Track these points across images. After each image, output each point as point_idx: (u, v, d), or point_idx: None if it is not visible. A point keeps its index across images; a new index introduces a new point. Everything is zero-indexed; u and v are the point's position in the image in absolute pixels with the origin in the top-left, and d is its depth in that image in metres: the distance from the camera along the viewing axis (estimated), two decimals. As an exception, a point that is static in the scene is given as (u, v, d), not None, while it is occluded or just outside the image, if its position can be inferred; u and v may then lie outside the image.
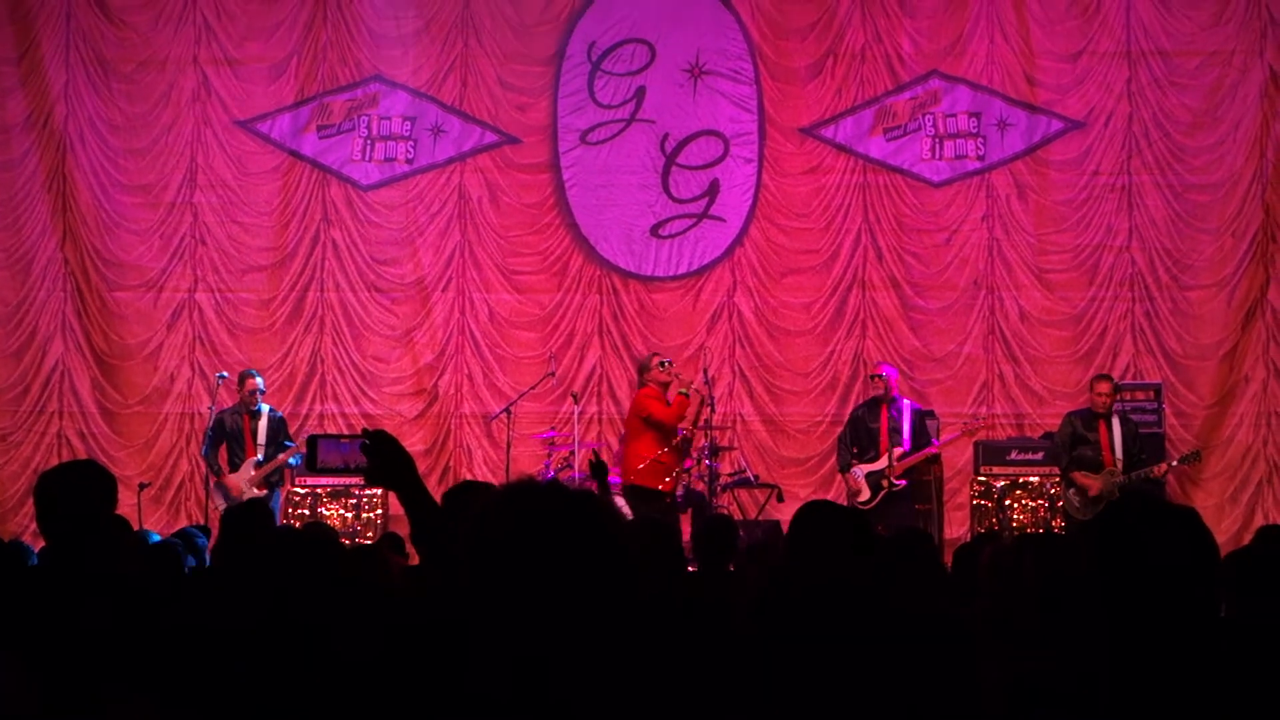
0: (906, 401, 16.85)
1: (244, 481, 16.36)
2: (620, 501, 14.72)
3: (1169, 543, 3.15)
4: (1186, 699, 3.06)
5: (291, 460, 16.63)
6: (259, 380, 16.88)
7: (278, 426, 16.76)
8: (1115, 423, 16.14)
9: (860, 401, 17.77)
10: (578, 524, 2.77)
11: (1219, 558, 3.25)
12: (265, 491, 16.32)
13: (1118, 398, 16.58)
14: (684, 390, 16.31)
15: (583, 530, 2.77)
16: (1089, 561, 3.19)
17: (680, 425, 16.38)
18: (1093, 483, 15.91)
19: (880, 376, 16.72)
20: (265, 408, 16.85)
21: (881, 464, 16.29)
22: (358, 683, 4.57)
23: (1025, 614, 6.66)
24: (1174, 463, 16.94)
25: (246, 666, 4.67)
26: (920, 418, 16.78)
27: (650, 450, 16.08)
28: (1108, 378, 16.69)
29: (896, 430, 16.34)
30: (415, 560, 8.36)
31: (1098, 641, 3.15)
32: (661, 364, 16.53)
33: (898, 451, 16.24)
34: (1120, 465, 15.94)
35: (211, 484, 16.75)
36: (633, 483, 16.02)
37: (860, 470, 16.36)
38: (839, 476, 17.05)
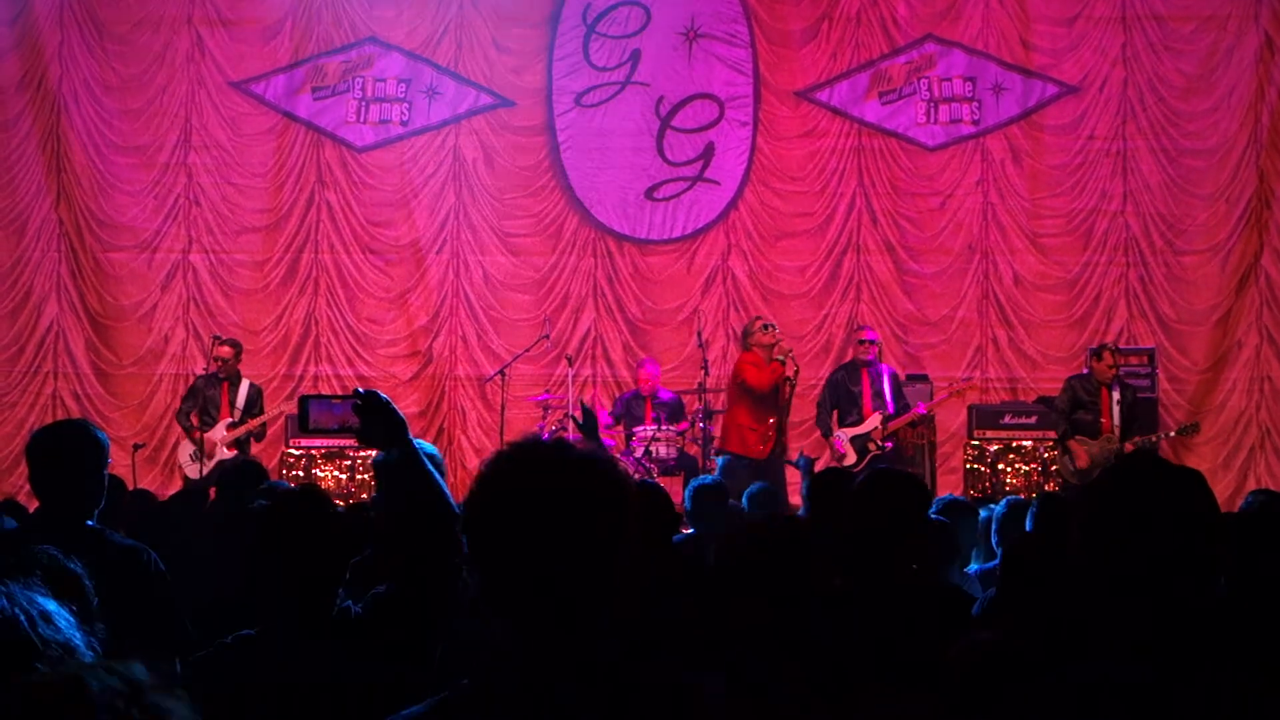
0: (885, 366, 16.87)
1: (216, 441, 16.35)
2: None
3: (1175, 502, 3.16)
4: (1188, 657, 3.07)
5: (256, 431, 16.55)
6: (229, 350, 16.69)
7: (255, 397, 16.70)
8: (1115, 392, 16.18)
9: (840, 364, 17.74)
10: (588, 483, 2.77)
11: (1221, 520, 3.26)
12: (235, 453, 16.24)
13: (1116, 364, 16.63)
14: (780, 358, 15.84)
15: (593, 488, 2.77)
16: (1079, 522, 3.21)
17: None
18: (1085, 450, 15.95)
19: (873, 342, 16.71)
20: (245, 380, 16.76)
21: (866, 427, 16.28)
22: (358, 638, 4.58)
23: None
24: (1171, 434, 17.03)
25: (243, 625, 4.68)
26: (898, 382, 16.78)
27: (744, 418, 15.88)
28: (1113, 349, 16.68)
29: (880, 394, 16.33)
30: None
31: (1048, 607, 3.17)
32: (765, 327, 16.06)
33: (881, 415, 16.25)
34: (1118, 432, 15.99)
35: (182, 441, 16.76)
36: (725, 449, 15.92)
37: (844, 434, 16.35)
38: (827, 442, 17.05)
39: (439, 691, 2.82)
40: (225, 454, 16.15)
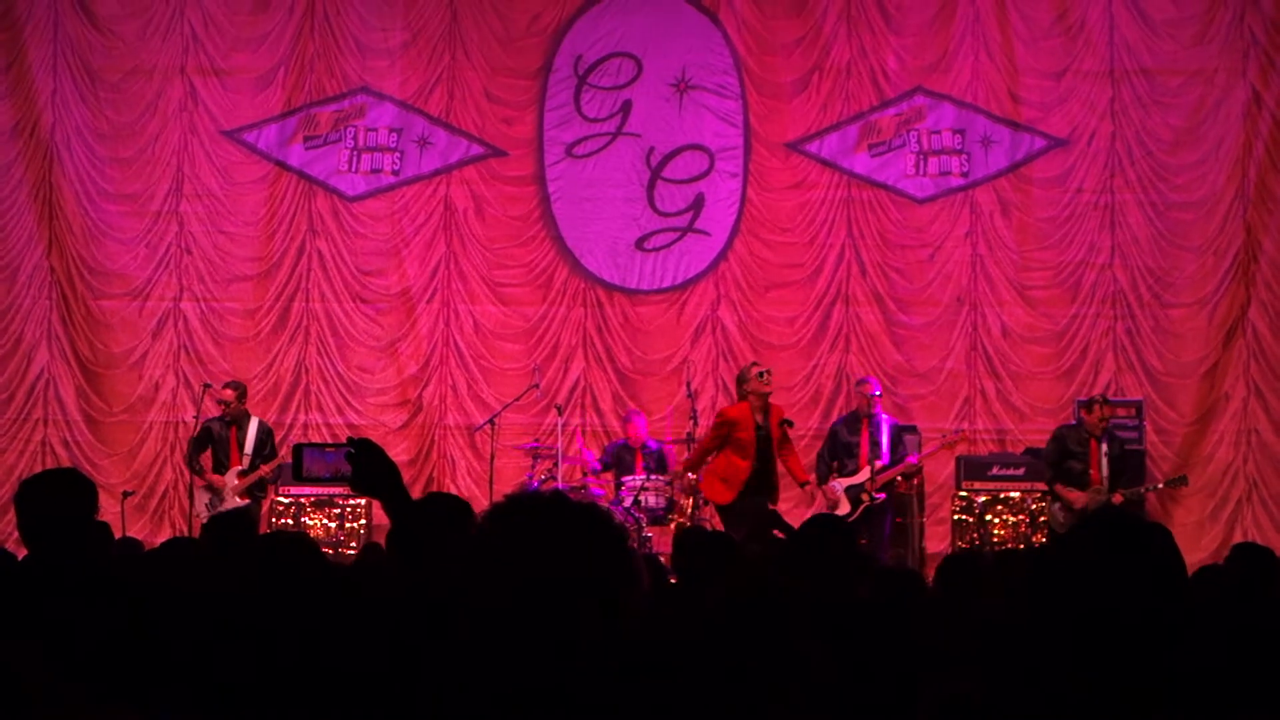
0: (886, 416, 16.88)
1: (228, 490, 16.36)
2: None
3: (1132, 563, 3.17)
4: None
5: (271, 476, 16.58)
6: (231, 392, 16.78)
7: (264, 437, 16.76)
8: (1104, 444, 16.24)
9: (841, 415, 17.82)
10: (585, 535, 2.79)
11: (1183, 575, 3.26)
12: (248, 501, 16.31)
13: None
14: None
15: (590, 541, 2.79)
16: (1031, 582, 3.22)
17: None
18: (1078, 497, 15.99)
19: (878, 395, 16.68)
20: (254, 419, 16.84)
21: (860, 477, 16.31)
22: (347, 687, 4.59)
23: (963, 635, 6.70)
24: (1160, 485, 17.07)
25: (233, 673, 4.69)
26: (899, 432, 16.81)
27: (718, 464, 15.77)
28: (1102, 401, 16.73)
29: (877, 444, 16.36)
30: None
31: (1031, 662, 3.18)
32: (760, 375, 15.73)
33: (877, 464, 16.27)
34: (1106, 484, 16.04)
35: (197, 487, 16.73)
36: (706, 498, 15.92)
37: (839, 484, 16.38)
38: (820, 491, 17.08)
39: None
40: (238, 503, 16.14)
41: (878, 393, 16.72)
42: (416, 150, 19.61)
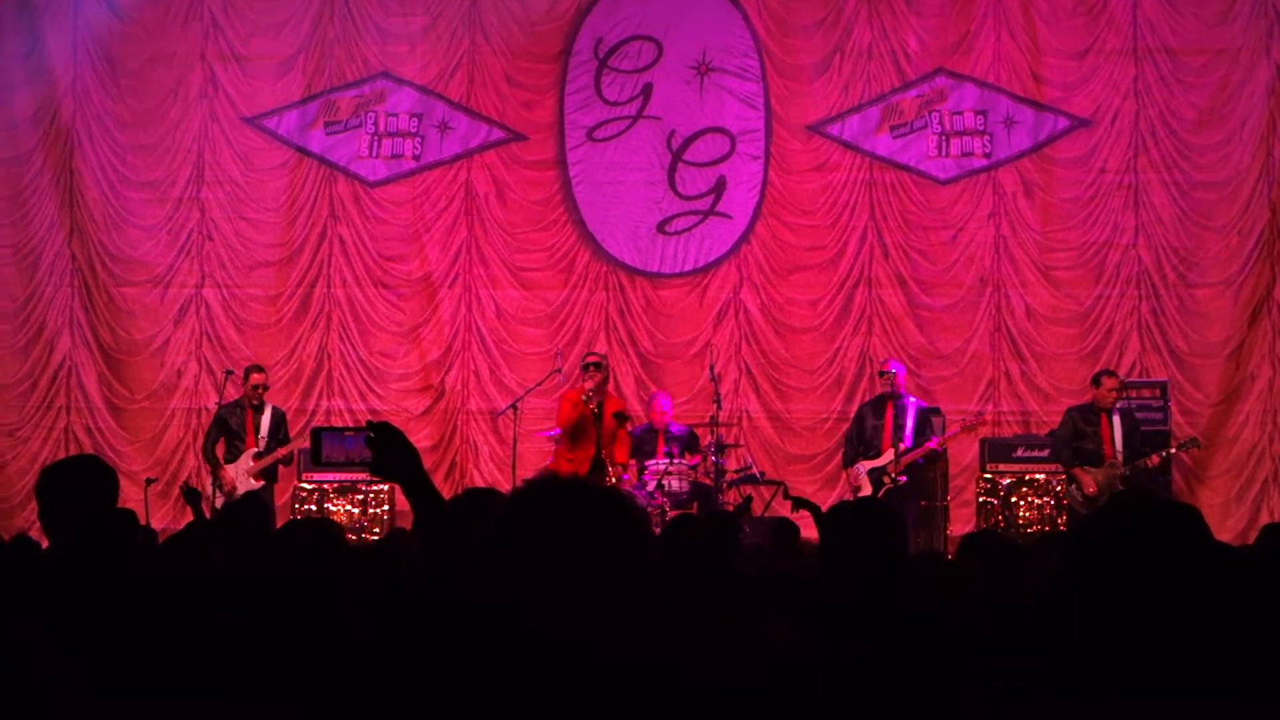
0: (912, 399, 16.85)
1: (241, 472, 16.36)
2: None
3: (1162, 545, 3.13)
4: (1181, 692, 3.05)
5: (285, 459, 16.58)
6: (262, 376, 16.88)
7: (279, 422, 16.77)
8: (1116, 419, 16.17)
9: (866, 398, 17.80)
10: (606, 520, 2.76)
11: (1218, 555, 3.22)
12: (263, 483, 16.30)
13: (1124, 395, 16.59)
14: (584, 397, 16.47)
15: (611, 526, 2.76)
16: (1069, 563, 3.18)
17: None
18: (1091, 478, 15.95)
19: (890, 373, 16.72)
20: (269, 405, 16.86)
21: (882, 460, 16.29)
22: (366, 675, 4.57)
23: (1007, 614, 6.66)
24: (1172, 450, 16.86)
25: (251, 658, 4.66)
26: (925, 415, 16.78)
27: (562, 448, 16.67)
28: (1114, 374, 16.71)
29: (900, 427, 16.33)
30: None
31: (1083, 642, 3.14)
32: (586, 368, 16.79)
33: (900, 447, 16.24)
34: (1121, 458, 15.98)
35: (210, 476, 16.80)
36: None
37: (862, 467, 16.37)
38: (844, 473, 17.07)
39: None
40: (253, 484, 16.14)
41: (895, 370, 16.70)
42: (437, 135, 19.60)
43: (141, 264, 19.51)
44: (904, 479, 16.24)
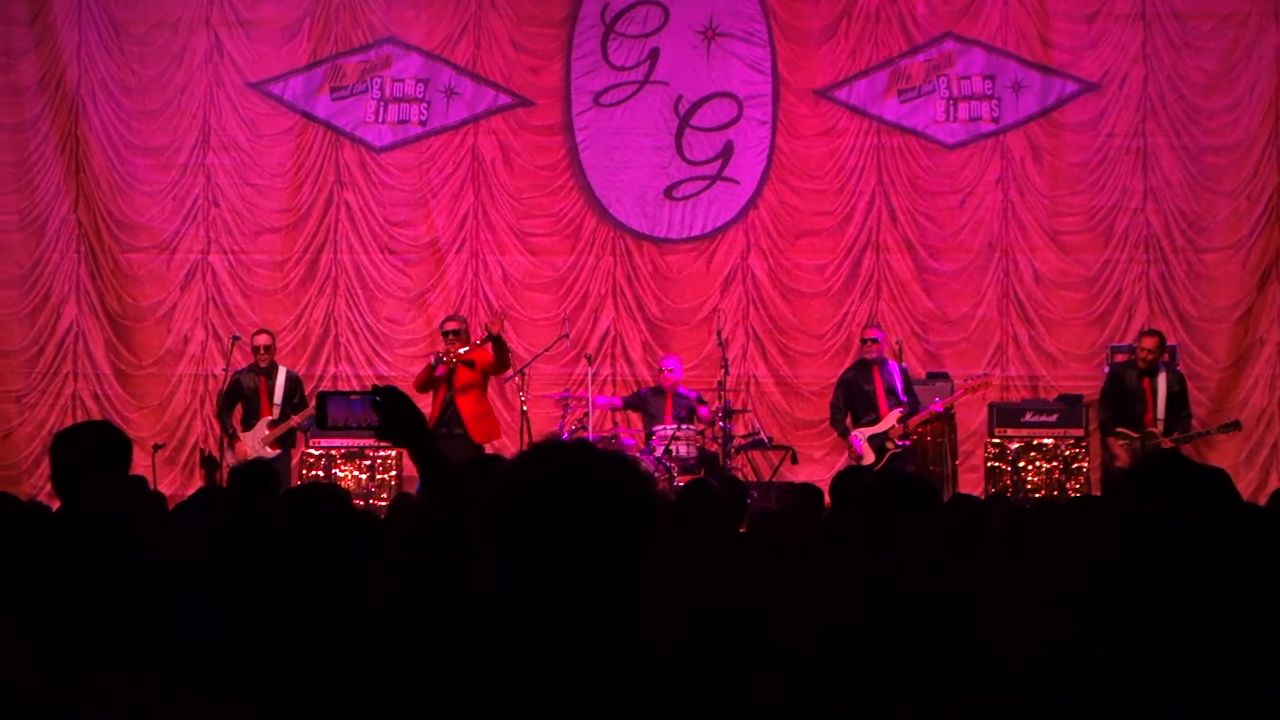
0: (893, 362, 16.80)
1: (257, 441, 16.36)
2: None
3: (1192, 506, 3.10)
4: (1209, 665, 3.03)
5: (303, 425, 16.57)
6: (267, 337, 16.86)
7: (293, 386, 16.75)
8: (1161, 380, 16.12)
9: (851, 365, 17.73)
10: (610, 483, 2.73)
11: (1246, 518, 3.19)
12: (278, 451, 16.31)
13: (1161, 358, 16.46)
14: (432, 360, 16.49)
15: (616, 490, 2.73)
16: (1112, 526, 3.15)
17: None
18: (1123, 447, 15.92)
19: (874, 340, 16.64)
20: (282, 369, 16.85)
21: (883, 426, 16.24)
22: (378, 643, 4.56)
23: (1044, 580, 6.63)
24: (1212, 431, 16.92)
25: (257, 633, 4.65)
26: (908, 378, 16.74)
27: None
28: (1155, 333, 16.69)
29: (893, 391, 16.30)
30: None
31: (1121, 607, 3.11)
32: (445, 334, 16.53)
33: (899, 412, 16.20)
34: (1161, 426, 15.92)
35: (227, 445, 16.78)
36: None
37: (862, 433, 16.31)
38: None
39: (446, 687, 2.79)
40: (268, 453, 16.12)
41: (874, 337, 16.65)
42: (443, 100, 19.56)
43: (147, 230, 19.49)
44: (906, 443, 16.21)
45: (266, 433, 16.42)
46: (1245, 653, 2.99)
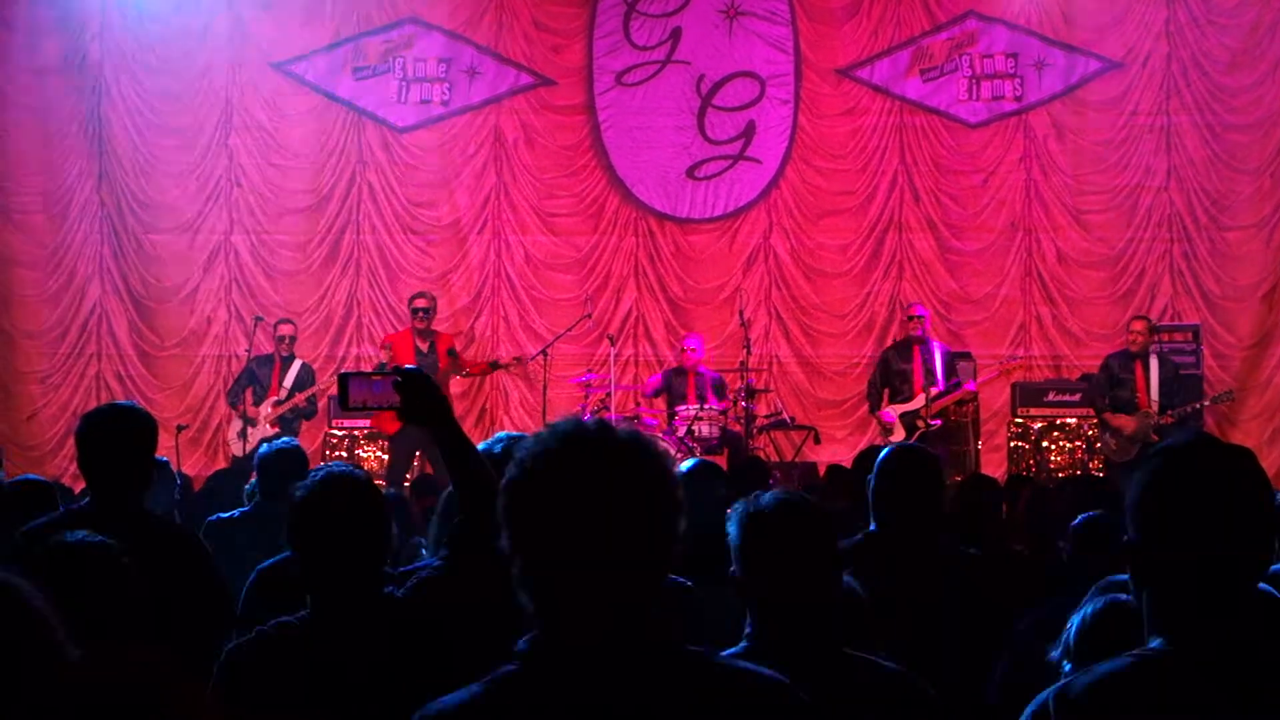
0: (937, 343, 16.80)
1: (260, 418, 16.45)
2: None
3: (1222, 483, 3.08)
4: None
5: (305, 408, 16.62)
6: (291, 328, 16.92)
7: (305, 376, 16.78)
8: (1153, 363, 16.07)
9: (894, 341, 17.74)
10: (631, 465, 2.72)
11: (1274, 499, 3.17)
12: (278, 430, 16.27)
13: (1156, 339, 16.49)
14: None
15: (636, 472, 2.72)
16: (1130, 507, 3.13)
17: None
18: (1127, 423, 15.87)
19: (918, 317, 16.64)
20: (298, 360, 16.88)
21: (915, 404, 16.23)
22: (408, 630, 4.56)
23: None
24: (1206, 403, 16.82)
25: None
26: (952, 358, 16.74)
27: None
28: (1143, 317, 16.65)
29: (930, 371, 16.28)
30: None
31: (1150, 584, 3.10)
32: (413, 309, 16.72)
33: (933, 391, 16.19)
34: (1156, 407, 15.87)
35: (232, 417, 16.88)
36: None
37: (893, 410, 16.29)
38: (873, 418, 17.01)
39: (484, 675, 2.78)
40: (268, 431, 16.16)
41: (923, 315, 16.65)
42: (465, 80, 19.55)
43: (171, 210, 19.50)
44: (937, 422, 16.18)
45: (269, 411, 16.47)
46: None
